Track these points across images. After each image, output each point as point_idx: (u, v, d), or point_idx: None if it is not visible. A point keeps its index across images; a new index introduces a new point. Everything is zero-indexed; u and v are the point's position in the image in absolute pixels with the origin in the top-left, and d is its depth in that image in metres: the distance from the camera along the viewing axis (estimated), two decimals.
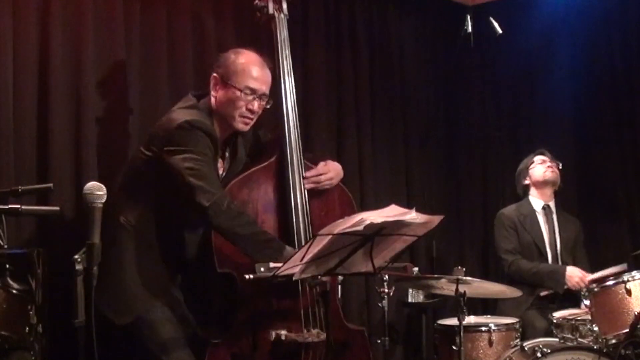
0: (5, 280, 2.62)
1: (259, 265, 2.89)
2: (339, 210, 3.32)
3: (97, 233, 2.33)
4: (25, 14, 3.32)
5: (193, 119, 2.97)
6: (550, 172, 4.65)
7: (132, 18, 3.68)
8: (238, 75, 3.07)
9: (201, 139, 2.95)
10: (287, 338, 3.06)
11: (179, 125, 2.95)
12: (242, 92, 3.06)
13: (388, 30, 5.08)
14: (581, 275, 4.33)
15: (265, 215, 3.17)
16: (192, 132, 2.94)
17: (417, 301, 4.71)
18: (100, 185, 2.37)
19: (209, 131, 2.99)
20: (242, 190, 3.15)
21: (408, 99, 5.19)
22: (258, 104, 3.10)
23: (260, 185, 3.19)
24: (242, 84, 3.06)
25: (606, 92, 5.20)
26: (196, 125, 2.95)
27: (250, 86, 3.07)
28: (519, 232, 4.62)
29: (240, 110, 3.08)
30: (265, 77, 3.14)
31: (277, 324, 3.10)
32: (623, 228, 5.08)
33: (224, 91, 3.09)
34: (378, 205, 2.72)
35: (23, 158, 3.29)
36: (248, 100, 3.08)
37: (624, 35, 5.13)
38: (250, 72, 3.09)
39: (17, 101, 3.28)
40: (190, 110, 3.04)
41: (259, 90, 3.09)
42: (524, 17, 5.38)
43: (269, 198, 3.20)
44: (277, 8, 3.38)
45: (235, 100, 3.06)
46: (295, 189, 3.20)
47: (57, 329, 2.90)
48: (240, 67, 3.08)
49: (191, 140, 2.93)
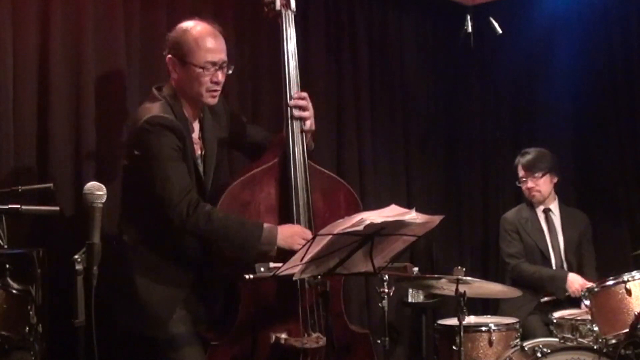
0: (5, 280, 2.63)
1: (259, 265, 2.88)
2: (345, 212, 3.25)
3: (97, 233, 2.33)
4: (25, 14, 3.32)
5: (152, 116, 2.91)
6: (533, 197, 4.61)
7: (132, 18, 3.69)
8: (194, 52, 3.00)
9: (163, 137, 2.89)
10: (286, 342, 3.04)
11: (140, 127, 2.91)
12: (204, 69, 3.00)
13: (388, 30, 5.08)
14: (582, 283, 4.31)
15: (267, 216, 3.13)
16: (153, 133, 2.89)
17: (417, 301, 4.71)
18: (100, 185, 2.37)
19: (171, 124, 2.92)
20: (244, 191, 3.11)
21: (408, 99, 5.19)
22: (221, 73, 3.05)
23: (262, 186, 3.14)
24: (200, 60, 3.00)
25: (606, 91, 5.19)
26: (156, 123, 2.90)
27: (210, 60, 3.00)
28: (522, 235, 4.62)
29: (206, 85, 3.03)
30: (221, 45, 3.07)
31: (277, 327, 3.08)
32: (623, 228, 5.08)
33: (183, 71, 3.03)
34: (378, 205, 2.71)
35: (23, 158, 3.29)
36: (211, 74, 3.02)
37: (624, 35, 5.13)
38: (205, 45, 3.01)
39: (17, 101, 3.28)
40: (151, 104, 2.99)
41: (218, 61, 3.03)
42: (524, 17, 5.38)
43: (272, 199, 3.16)
44: (284, 4, 3.34)
45: (198, 76, 3.00)
46: (298, 190, 3.15)
47: (57, 329, 2.90)
48: (194, 42, 3.00)
49: (153, 141, 2.89)
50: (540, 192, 4.59)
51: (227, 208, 3.04)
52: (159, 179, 2.88)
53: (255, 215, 3.11)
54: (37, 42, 3.36)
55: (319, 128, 4.51)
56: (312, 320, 3.10)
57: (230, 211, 3.04)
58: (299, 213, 3.14)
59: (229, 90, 4.06)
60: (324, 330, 3.02)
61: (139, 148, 2.94)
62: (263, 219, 3.10)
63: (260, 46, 4.25)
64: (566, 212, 4.69)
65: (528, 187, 4.60)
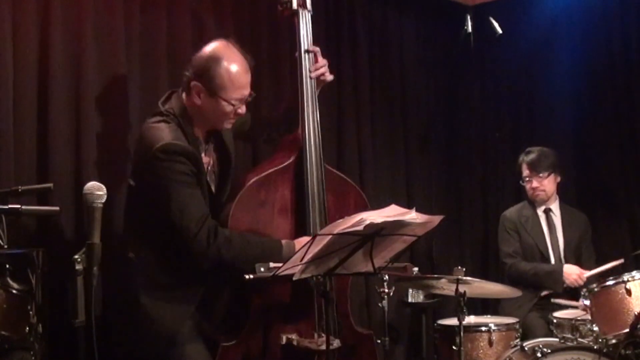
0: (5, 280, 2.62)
1: (259, 265, 2.88)
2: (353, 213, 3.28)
3: (97, 233, 2.33)
4: (25, 15, 3.31)
5: (165, 144, 2.83)
6: (537, 196, 4.61)
7: (132, 18, 3.68)
8: (227, 88, 2.94)
9: (178, 165, 2.84)
10: (299, 344, 3.02)
11: (153, 155, 2.83)
12: (234, 105, 2.97)
13: (388, 30, 5.08)
14: (579, 272, 4.33)
15: (281, 216, 3.12)
16: (168, 161, 2.82)
17: (417, 301, 4.71)
18: (100, 185, 2.37)
19: (184, 151, 2.86)
20: (260, 191, 3.08)
21: (408, 99, 5.19)
22: (245, 105, 3.03)
23: (277, 186, 3.12)
24: (232, 97, 2.96)
25: (606, 91, 5.19)
26: (170, 151, 2.83)
27: (240, 97, 2.98)
28: (521, 234, 4.62)
29: (229, 116, 3.01)
30: (249, 75, 3.01)
31: (288, 328, 3.06)
32: (623, 227, 5.07)
33: (210, 101, 2.96)
34: (378, 205, 2.71)
35: (23, 158, 3.29)
36: (237, 107, 2.99)
37: (624, 36, 5.13)
38: (240, 82, 2.97)
39: (17, 101, 3.27)
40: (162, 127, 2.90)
41: (246, 95, 3.01)
42: (524, 17, 5.38)
43: (286, 199, 3.14)
44: (301, 3, 3.31)
45: (225, 110, 2.97)
46: (314, 192, 3.13)
47: (57, 329, 2.90)
48: (228, 79, 2.94)
49: (168, 170, 2.83)
50: (545, 191, 4.58)
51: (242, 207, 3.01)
52: (176, 208, 2.83)
53: (270, 215, 3.09)
54: (37, 42, 3.36)
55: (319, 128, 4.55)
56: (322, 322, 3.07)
57: (246, 211, 3.02)
58: (314, 214, 3.12)
59: None
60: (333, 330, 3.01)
61: (150, 175, 2.87)
62: (277, 219, 3.10)
63: (261, 46, 4.25)
64: (567, 212, 4.68)
65: (533, 187, 4.59)
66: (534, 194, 4.60)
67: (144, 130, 2.99)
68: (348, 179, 3.43)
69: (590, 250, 4.66)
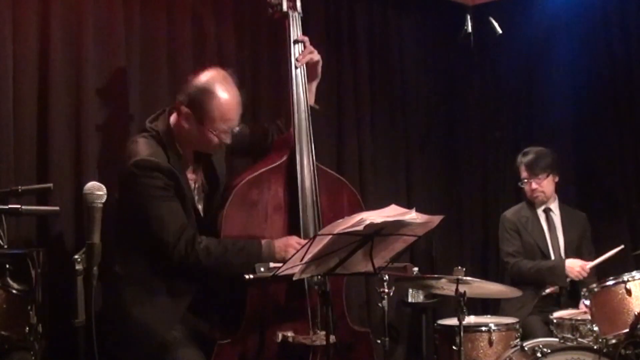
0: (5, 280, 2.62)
1: (258, 265, 2.89)
2: (348, 212, 3.25)
3: (97, 233, 2.33)
4: (25, 15, 3.32)
5: (139, 160, 2.88)
6: (536, 198, 4.60)
7: (132, 19, 3.68)
8: (215, 121, 2.97)
9: (152, 179, 2.88)
10: (294, 340, 3.04)
11: (129, 171, 2.89)
12: (219, 137, 3.00)
13: (388, 30, 5.08)
14: (581, 264, 4.33)
15: (274, 216, 3.14)
16: (141, 176, 2.87)
17: (417, 301, 4.71)
18: (100, 185, 2.37)
19: (157, 166, 2.89)
20: (252, 190, 3.11)
21: (408, 99, 5.19)
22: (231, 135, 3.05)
23: (270, 185, 3.14)
24: (219, 128, 2.98)
25: (606, 91, 5.20)
26: (144, 165, 2.88)
27: (227, 128, 3.01)
28: (522, 234, 4.61)
29: (215, 144, 3.03)
30: (239, 110, 3.05)
31: (283, 325, 3.08)
32: (623, 227, 5.07)
33: (196, 128, 2.99)
34: (378, 205, 2.71)
35: (23, 158, 3.29)
36: (223, 138, 3.02)
37: (624, 36, 5.13)
38: (228, 116, 2.99)
39: (17, 101, 3.28)
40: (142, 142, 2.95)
41: (234, 128, 3.05)
42: (524, 17, 5.38)
43: (279, 199, 3.16)
44: (291, 6, 3.34)
45: (210, 139, 3.00)
46: (306, 190, 3.16)
47: (57, 329, 2.90)
48: (219, 113, 2.97)
49: (143, 185, 2.87)
50: (544, 192, 4.58)
51: (235, 206, 3.03)
52: (154, 221, 2.89)
53: (263, 214, 3.11)
54: (37, 42, 3.36)
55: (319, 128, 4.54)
56: (317, 319, 3.11)
57: (239, 211, 3.04)
58: (307, 213, 3.15)
59: None
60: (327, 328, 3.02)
61: (128, 190, 2.94)
62: (270, 218, 3.12)
63: (261, 46, 4.25)
64: (566, 211, 4.68)
65: (532, 189, 4.58)
66: (533, 195, 4.61)
67: (127, 145, 3.04)
68: (341, 178, 3.45)
69: (590, 248, 4.66)
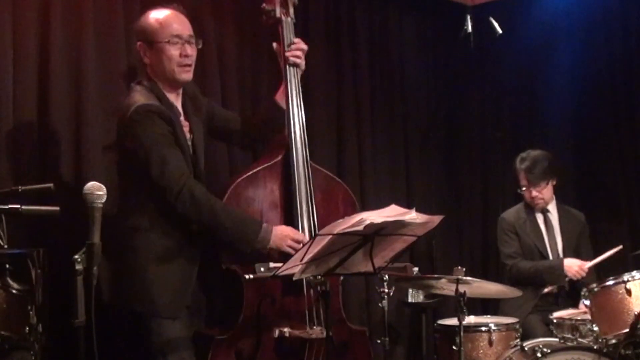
0: (5, 280, 2.62)
1: (259, 265, 2.90)
2: (342, 210, 3.34)
3: (97, 233, 2.33)
4: (25, 14, 3.32)
5: (138, 106, 2.94)
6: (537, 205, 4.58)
7: (132, 18, 3.67)
8: (157, 30, 3.04)
9: (153, 125, 2.93)
10: (291, 335, 3.07)
11: (129, 118, 2.94)
12: (169, 43, 3.03)
13: (388, 30, 5.08)
14: (580, 264, 4.33)
15: (270, 214, 3.18)
16: (143, 122, 2.92)
17: (417, 301, 4.70)
18: (100, 185, 2.37)
19: (158, 110, 2.96)
20: (248, 188, 3.16)
21: (408, 99, 5.19)
22: (190, 47, 3.07)
23: (266, 184, 3.19)
24: (165, 35, 3.03)
25: (606, 91, 5.20)
26: (144, 111, 2.93)
27: (174, 33, 3.04)
28: (520, 235, 4.61)
29: (176, 59, 3.04)
30: (184, 21, 3.10)
31: (280, 322, 3.11)
32: (623, 228, 5.08)
33: (153, 52, 3.06)
34: (378, 205, 2.72)
35: (23, 158, 3.29)
36: (179, 48, 3.04)
37: (624, 36, 5.14)
38: (167, 22, 3.06)
39: (17, 101, 3.28)
40: (135, 94, 3.01)
41: (183, 34, 3.06)
42: (524, 17, 5.38)
43: (275, 197, 3.20)
44: (284, 12, 3.38)
45: (166, 51, 3.03)
46: (301, 189, 3.20)
47: (57, 329, 2.90)
48: (157, 22, 3.05)
49: (144, 130, 2.92)
50: (544, 199, 4.57)
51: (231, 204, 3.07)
52: (156, 166, 2.91)
53: (259, 213, 3.14)
54: (37, 42, 3.36)
55: (319, 128, 4.55)
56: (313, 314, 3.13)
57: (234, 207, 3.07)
58: (302, 211, 3.18)
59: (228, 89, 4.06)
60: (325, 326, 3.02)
61: (130, 140, 2.96)
62: (267, 216, 3.15)
63: (261, 45, 4.24)
64: (564, 212, 4.67)
65: (532, 196, 4.57)
66: (533, 202, 4.59)
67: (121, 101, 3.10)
68: (335, 177, 3.48)
69: (589, 247, 4.65)
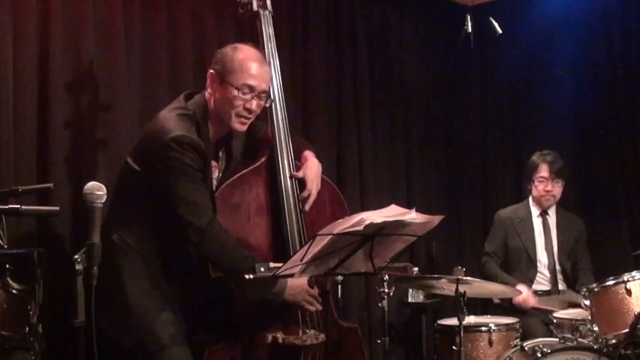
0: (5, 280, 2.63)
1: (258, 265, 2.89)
2: (330, 209, 3.34)
3: (97, 233, 2.34)
4: (25, 14, 3.32)
5: (178, 135, 2.83)
6: (546, 201, 4.56)
7: (132, 18, 3.69)
8: (236, 72, 2.94)
9: (189, 159, 2.83)
10: (284, 341, 3.05)
11: (166, 144, 2.82)
12: (240, 91, 2.93)
13: (388, 30, 5.08)
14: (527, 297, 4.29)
15: (257, 217, 3.15)
16: (180, 152, 2.82)
17: (417, 301, 4.71)
18: (100, 185, 2.37)
19: (197, 145, 2.86)
20: (234, 193, 3.11)
21: (408, 99, 5.20)
22: (257, 102, 2.98)
23: (251, 186, 3.15)
24: (239, 81, 2.93)
25: (606, 91, 5.19)
26: (183, 142, 2.82)
27: (248, 83, 2.94)
28: (510, 235, 4.59)
29: (238, 109, 2.95)
30: (264, 74, 3.02)
31: (273, 327, 3.09)
32: (623, 228, 5.07)
33: (221, 89, 2.96)
34: (378, 205, 2.71)
35: (23, 158, 3.29)
36: (246, 99, 2.95)
37: (624, 36, 5.13)
38: (248, 69, 2.95)
39: (17, 101, 3.28)
40: (177, 119, 2.89)
41: (257, 88, 2.96)
42: (524, 17, 5.38)
43: (261, 200, 3.17)
44: (261, 5, 3.33)
45: (232, 99, 2.94)
46: (287, 189, 3.17)
47: (57, 329, 2.90)
48: (238, 64, 2.95)
49: (179, 161, 2.82)
50: (555, 197, 4.56)
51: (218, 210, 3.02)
52: (183, 201, 2.83)
53: (246, 216, 3.12)
54: (37, 42, 3.36)
55: (319, 127, 4.56)
56: (306, 317, 3.13)
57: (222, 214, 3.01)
58: (289, 212, 3.16)
59: None
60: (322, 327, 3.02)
61: (160, 164, 2.85)
62: (254, 220, 3.12)
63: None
64: (562, 215, 4.65)
65: (547, 189, 4.53)
66: (545, 196, 4.54)
67: (159, 118, 2.97)
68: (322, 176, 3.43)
69: (586, 253, 4.63)
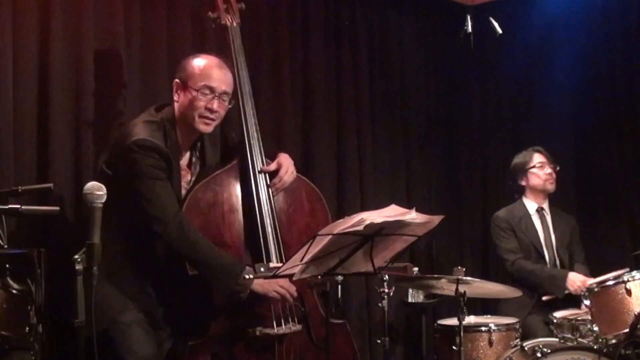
0: (5, 280, 2.63)
1: (258, 265, 2.90)
2: (308, 206, 3.37)
3: (97, 233, 2.34)
4: (25, 14, 3.32)
5: (139, 139, 2.96)
6: (550, 184, 4.57)
7: (132, 18, 3.69)
8: (195, 77, 3.08)
9: (150, 159, 2.96)
10: (261, 333, 3.10)
11: (128, 147, 2.96)
12: (199, 92, 3.06)
13: (388, 30, 5.08)
14: (583, 280, 4.29)
15: (231, 216, 3.19)
16: (141, 154, 2.95)
17: (417, 301, 4.71)
18: (100, 186, 2.37)
19: (157, 147, 2.98)
20: (207, 193, 3.16)
21: (408, 99, 5.20)
22: (218, 103, 3.09)
23: (224, 187, 3.20)
24: (199, 83, 3.06)
25: (606, 91, 5.19)
26: (144, 145, 2.96)
27: (208, 84, 3.07)
28: (516, 233, 4.60)
29: (200, 110, 3.07)
30: (224, 77, 3.14)
31: (253, 321, 3.12)
32: (623, 228, 5.07)
33: (183, 94, 3.10)
34: (378, 205, 2.72)
35: (23, 158, 3.30)
36: (207, 100, 3.07)
37: (624, 35, 5.13)
38: (207, 72, 3.10)
39: (17, 101, 3.28)
40: (143, 125, 3.04)
41: (217, 89, 3.09)
42: (524, 17, 5.38)
43: (235, 199, 3.21)
44: (228, 18, 3.43)
45: (193, 100, 3.06)
46: (259, 189, 3.22)
47: (57, 329, 2.90)
48: (198, 69, 3.10)
49: (141, 163, 2.95)
50: (554, 183, 4.59)
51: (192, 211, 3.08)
52: (146, 198, 2.96)
53: (220, 216, 3.16)
54: (37, 42, 3.36)
55: (319, 128, 4.56)
56: (285, 313, 3.16)
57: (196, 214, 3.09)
58: (262, 210, 3.20)
59: None
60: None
61: (126, 166, 2.98)
62: (228, 219, 3.17)
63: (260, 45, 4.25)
64: (555, 212, 4.67)
65: (547, 173, 4.56)
66: (549, 180, 4.56)
67: (127, 125, 3.13)
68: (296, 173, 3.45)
69: (580, 247, 4.65)
